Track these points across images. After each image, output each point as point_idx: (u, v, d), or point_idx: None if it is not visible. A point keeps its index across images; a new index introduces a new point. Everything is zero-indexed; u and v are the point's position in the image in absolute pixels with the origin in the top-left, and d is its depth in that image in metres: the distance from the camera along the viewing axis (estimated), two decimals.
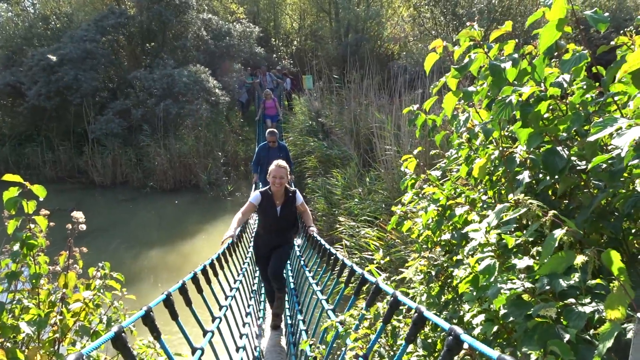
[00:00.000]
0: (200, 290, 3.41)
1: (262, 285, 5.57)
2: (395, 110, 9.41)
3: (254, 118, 18.24)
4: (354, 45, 18.35)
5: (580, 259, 1.52)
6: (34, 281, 2.47)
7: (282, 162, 4.87)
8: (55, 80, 14.53)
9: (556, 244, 1.53)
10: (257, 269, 5.92)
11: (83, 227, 2.94)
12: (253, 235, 5.81)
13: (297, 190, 5.09)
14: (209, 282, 3.75)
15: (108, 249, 9.26)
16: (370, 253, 6.45)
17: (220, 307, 3.80)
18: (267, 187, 4.91)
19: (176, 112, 14.62)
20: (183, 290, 2.89)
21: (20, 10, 20.06)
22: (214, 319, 3.50)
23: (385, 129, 8.77)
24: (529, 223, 2.12)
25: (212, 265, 3.95)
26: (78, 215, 2.98)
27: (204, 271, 3.66)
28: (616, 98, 1.74)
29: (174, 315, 2.59)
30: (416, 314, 1.80)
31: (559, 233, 1.52)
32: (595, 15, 1.61)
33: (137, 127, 15.02)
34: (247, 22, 19.89)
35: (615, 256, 1.39)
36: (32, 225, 2.54)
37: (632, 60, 1.38)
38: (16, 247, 2.46)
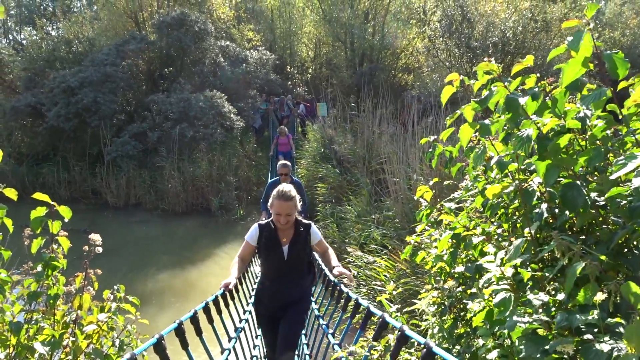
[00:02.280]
0: (211, 321, 3.41)
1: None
2: (406, 140, 9.46)
3: (268, 143, 18.44)
4: (369, 74, 18.58)
5: (599, 296, 1.51)
6: (51, 301, 2.49)
7: (289, 189, 3.55)
8: (75, 102, 14.86)
9: (578, 273, 1.52)
10: (258, 333, 4.68)
11: (99, 249, 2.97)
12: (255, 286, 4.55)
13: (313, 224, 3.80)
14: (211, 321, 3.49)
15: (119, 270, 9.29)
16: (379, 283, 6.40)
17: (230, 339, 3.75)
18: (270, 219, 3.67)
19: (191, 136, 14.83)
20: (194, 319, 2.90)
21: (44, 34, 20.69)
22: (222, 350, 3.48)
23: (394, 161, 8.79)
24: (546, 257, 2.11)
25: (214, 303, 3.65)
26: (95, 237, 3.01)
27: (205, 309, 3.41)
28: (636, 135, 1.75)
29: (184, 344, 2.58)
30: (425, 350, 1.77)
31: (583, 263, 1.51)
32: (616, 58, 1.63)
33: (152, 149, 15.24)
34: (264, 50, 20.28)
35: (635, 288, 1.38)
36: (54, 246, 2.58)
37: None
38: (40, 267, 2.49)
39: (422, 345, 1.80)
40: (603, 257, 1.50)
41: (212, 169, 14.82)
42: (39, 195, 2.45)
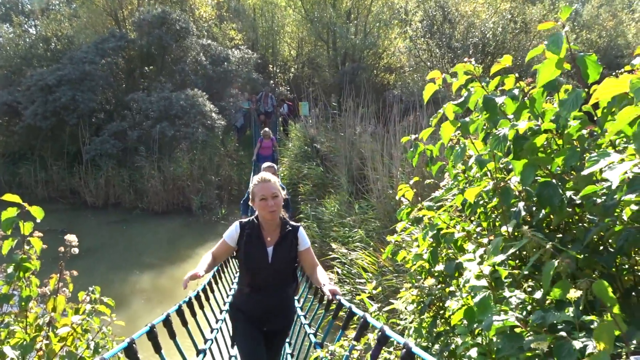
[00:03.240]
0: (185, 323, 3.34)
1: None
2: (387, 139, 9.49)
3: (250, 142, 18.34)
4: (351, 73, 18.60)
5: (572, 294, 1.53)
6: (23, 304, 2.43)
7: (267, 174, 3.23)
8: (53, 100, 14.57)
9: (552, 272, 1.54)
10: (233, 350, 4.06)
11: (75, 250, 2.91)
12: (230, 295, 4.18)
13: (302, 227, 3.33)
14: (185, 323, 3.41)
15: (97, 271, 9.13)
16: (362, 281, 6.41)
17: (205, 341, 3.65)
18: (253, 215, 3.27)
19: (172, 135, 14.67)
20: (167, 322, 2.86)
21: (22, 32, 20.25)
22: (198, 353, 3.42)
23: (376, 159, 8.82)
24: (525, 255, 2.13)
25: (190, 303, 3.61)
26: (71, 238, 2.95)
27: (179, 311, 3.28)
28: (610, 135, 1.77)
29: (157, 348, 2.53)
30: (404, 350, 1.78)
31: (555, 262, 1.54)
32: (589, 61, 1.65)
33: (132, 148, 15.03)
34: (246, 49, 20.16)
35: (607, 287, 1.40)
36: (27, 247, 2.52)
37: (601, 89, 1.42)
38: (10, 269, 2.42)
39: (402, 345, 1.80)
40: (574, 254, 1.52)
41: (193, 168, 14.69)
42: (9, 197, 2.39)
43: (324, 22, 19.46)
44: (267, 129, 13.71)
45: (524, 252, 2.07)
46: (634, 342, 1.45)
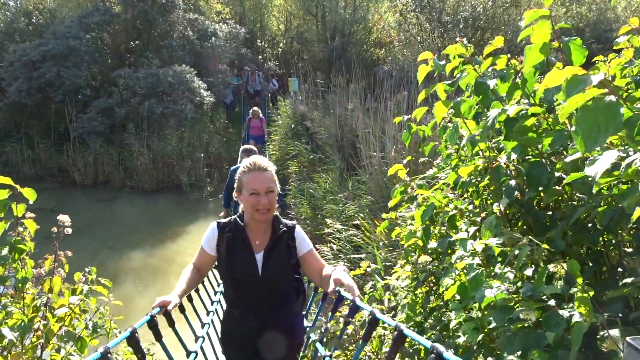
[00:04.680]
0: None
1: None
2: (380, 115, 9.48)
3: (239, 119, 18.20)
4: (340, 49, 18.43)
5: (552, 268, 1.62)
6: (19, 285, 2.45)
7: (263, 159, 2.50)
8: (37, 76, 14.30)
9: (524, 259, 1.63)
10: None
11: (69, 230, 2.91)
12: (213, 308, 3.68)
13: (298, 226, 2.63)
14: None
15: (87, 249, 9.13)
16: (357, 257, 6.48)
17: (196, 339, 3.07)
18: (236, 214, 2.61)
19: (160, 112, 14.52)
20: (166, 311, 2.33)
21: (2, 4, 19.72)
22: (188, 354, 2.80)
23: (371, 134, 8.82)
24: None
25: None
26: (64, 218, 2.94)
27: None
28: None
29: (158, 336, 2.30)
30: (396, 332, 1.77)
31: (526, 250, 1.62)
32: (574, 44, 1.67)
33: (120, 126, 14.87)
34: (234, 24, 19.84)
35: (577, 266, 1.52)
36: (20, 229, 2.52)
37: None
38: (5, 251, 2.43)
39: (394, 328, 1.81)
40: (544, 246, 1.61)
41: (182, 146, 14.60)
42: (0, 179, 2.38)
43: None
44: (255, 108, 13.09)
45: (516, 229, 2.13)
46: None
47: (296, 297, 2.63)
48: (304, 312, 2.94)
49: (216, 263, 2.64)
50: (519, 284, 1.74)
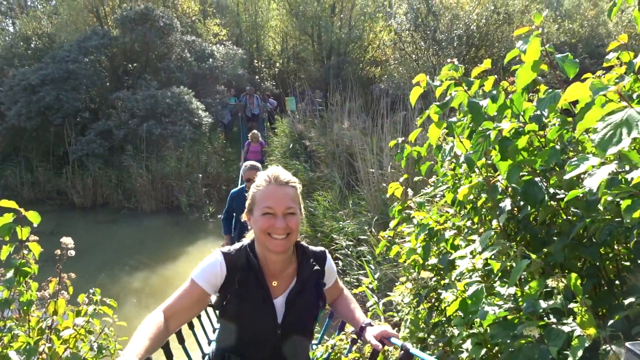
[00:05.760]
0: None
1: None
2: (377, 133, 9.57)
3: (237, 139, 18.27)
4: (336, 67, 18.63)
5: (550, 282, 1.66)
6: (25, 308, 2.47)
7: (285, 172, 1.95)
8: (37, 100, 14.41)
9: (521, 273, 1.67)
10: None
11: (72, 252, 2.94)
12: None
13: (328, 253, 2.09)
14: None
15: (88, 271, 9.11)
16: (362, 272, 6.50)
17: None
18: (246, 242, 1.96)
19: (159, 133, 14.60)
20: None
21: (1, 30, 19.95)
22: None
23: (368, 152, 8.90)
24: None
25: None
26: (67, 241, 2.97)
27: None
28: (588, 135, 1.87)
29: (169, 356, 2.17)
30: (402, 352, 1.81)
31: (523, 263, 1.66)
32: (566, 60, 1.74)
33: (118, 147, 14.94)
34: (231, 45, 20.08)
35: (577, 280, 1.54)
36: (25, 252, 2.55)
37: (569, 92, 1.50)
38: (10, 273, 2.46)
39: (400, 348, 1.82)
40: (535, 257, 1.65)
41: (181, 166, 14.65)
42: (5, 202, 2.42)
43: (309, 16, 19.43)
44: (255, 131, 12.75)
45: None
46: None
47: (310, 342, 2.07)
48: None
49: (211, 301, 1.97)
50: (520, 300, 1.78)
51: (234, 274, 1.86)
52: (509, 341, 1.67)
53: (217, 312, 2.08)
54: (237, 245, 1.96)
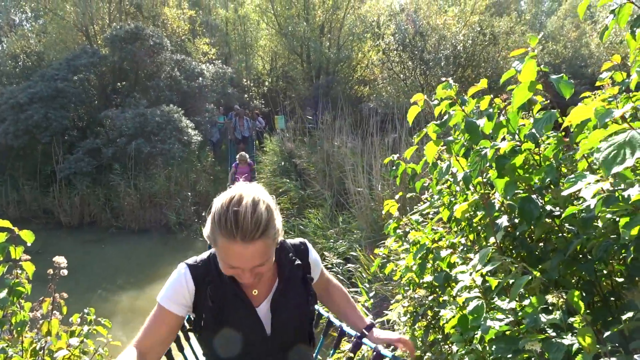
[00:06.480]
0: None
1: None
2: (367, 151, 9.65)
3: (226, 157, 18.27)
4: (325, 86, 18.80)
5: (550, 299, 1.68)
6: (18, 329, 2.43)
7: (250, 207, 1.45)
8: (25, 118, 14.30)
9: (521, 289, 1.69)
10: None
11: (64, 272, 2.91)
12: None
13: (309, 244, 1.95)
14: None
15: (76, 291, 8.96)
16: (355, 290, 6.48)
17: None
18: (213, 251, 1.66)
19: (148, 151, 14.55)
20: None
21: None
22: None
23: (357, 171, 8.96)
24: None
25: None
26: (60, 260, 2.94)
27: None
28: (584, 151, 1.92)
29: None
30: (375, 353, 1.84)
31: (524, 279, 1.69)
32: (561, 81, 1.80)
33: (107, 166, 14.84)
34: (220, 64, 20.20)
35: (577, 295, 1.56)
36: (18, 271, 2.52)
37: (573, 114, 1.56)
38: (3, 294, 2.43)
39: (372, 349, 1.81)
40: (536, 273, 1.68)
41: (170, 185, 14.58)
42: None
43: (298, 36, 19.66)
44: (243, 152, 12.42)
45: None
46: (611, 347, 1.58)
47: (309, 346, 1.86)
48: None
49: (186, 325, 1.77)
50: (520, 314, 1.80)
51: (204, 287, 1.63)
52: (509, 356, 1.68)
53: (196, 335, 1.76)
54: (203, 255, 1.72)
